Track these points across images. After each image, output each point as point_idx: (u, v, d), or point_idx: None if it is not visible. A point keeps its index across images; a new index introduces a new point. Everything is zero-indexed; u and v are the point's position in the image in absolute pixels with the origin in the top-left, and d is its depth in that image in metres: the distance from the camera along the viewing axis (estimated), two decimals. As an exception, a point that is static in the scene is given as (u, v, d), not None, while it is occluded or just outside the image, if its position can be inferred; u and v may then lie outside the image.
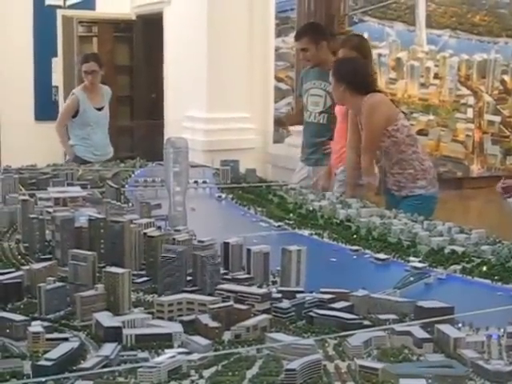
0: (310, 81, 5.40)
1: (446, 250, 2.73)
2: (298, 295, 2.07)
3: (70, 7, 10.01)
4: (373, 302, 2.02)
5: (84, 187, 3.63)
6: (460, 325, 1.87)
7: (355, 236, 2.96)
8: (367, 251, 2.75)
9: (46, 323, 1.84)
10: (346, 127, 4.49)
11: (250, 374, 1.58)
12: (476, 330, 1.85)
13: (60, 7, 9.93)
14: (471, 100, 8.65)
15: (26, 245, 2.65)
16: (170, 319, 1.91)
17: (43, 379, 1.51)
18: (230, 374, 1.57)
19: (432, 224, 3.11)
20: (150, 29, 9.86)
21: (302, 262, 2.26)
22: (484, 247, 2.74)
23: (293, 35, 6.12)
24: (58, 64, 9.82)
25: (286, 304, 1.98)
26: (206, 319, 1.84)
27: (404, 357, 1.69)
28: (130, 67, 10.38)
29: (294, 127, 7.03)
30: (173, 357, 1.62)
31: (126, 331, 1.75)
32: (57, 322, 1.90)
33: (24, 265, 2.35)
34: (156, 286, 2.19)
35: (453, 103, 8.56)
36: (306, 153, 5.46)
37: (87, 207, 3.11)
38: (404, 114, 4.73)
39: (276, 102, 8.15)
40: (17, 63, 9.52)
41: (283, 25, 8.10)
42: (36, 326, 1.77)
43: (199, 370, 1.59)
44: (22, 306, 2.03)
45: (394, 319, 1.90)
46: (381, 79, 7.88)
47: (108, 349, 1.64)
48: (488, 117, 8.76)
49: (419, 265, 2.50)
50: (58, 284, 2.01)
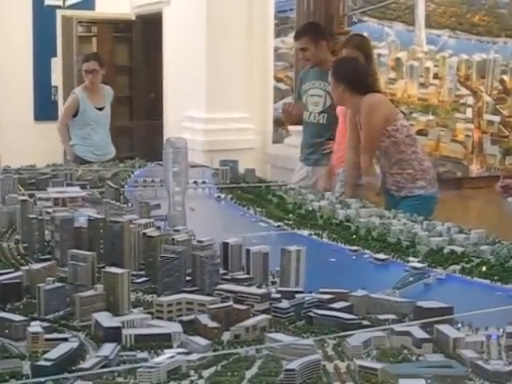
0: (309, 81, 5.40)
1: (446, 250, 2.72)
2: (297, 295, 2.07)
3: (70, 7, 10.02)
4: (372, 302, 2.02)
5: (83, 187, 3.63)
6: (459, 325, 1.87)
7: (354, 236, 2.95)
8: (366, 251, 2.75)
9: (45, 323, 1.84)
10: (348, 127, 4.49)
11: (249, 374, 1.58)
12: (475, 330, 1.85)
13: (59, 7, 9.93)
14: (470, 100, 8.65)
15: (26, 245, 2.65)
16: (170, 319, 1.90)
17: (42, 379, 1.51)
18: (229, 374, 1.57)
19: (431, 224, 3.11)
20: (149, 29, 9.86)
21: (301, 262, 2.25)
22: (483, 247, 2.74)
23: (292, 35, 6.12)
24: (57, 64, 9.81)
25: (285, 304, 1.98)
26: (205, 319, 1.84)
27: (403, 357, 1.69)
28: (130, 67, 10.37)
29: (293, 127, 7.02)
30: (172, 357, 1.61)
31: (125, 331, 1.75)
32: (56, 322, 1.90)
33: (23, 265, 2.35)
34: (155, 286, 2.19)
35: (452, 103, 8.56)
36: (306, 153, 5.45)
37: (86, 207, 3.11)
38: (403, 114, 4.73)
39: (275, 102, 8.14)
40: (16, 63, 9.51)
41: (282, 25, 8.10)
42: (35, 327, 1.77)
43: (198, 370, 1.59)
44: (21, 307, 2.03)
45: (393, 319, 1.90)
46: (380, 79, 7.88)
47: (107, 349, 1.64)
48: (487, 117, 8.77)
49: (418, 265, 2.50)
50: (58, 284, 2.01)
